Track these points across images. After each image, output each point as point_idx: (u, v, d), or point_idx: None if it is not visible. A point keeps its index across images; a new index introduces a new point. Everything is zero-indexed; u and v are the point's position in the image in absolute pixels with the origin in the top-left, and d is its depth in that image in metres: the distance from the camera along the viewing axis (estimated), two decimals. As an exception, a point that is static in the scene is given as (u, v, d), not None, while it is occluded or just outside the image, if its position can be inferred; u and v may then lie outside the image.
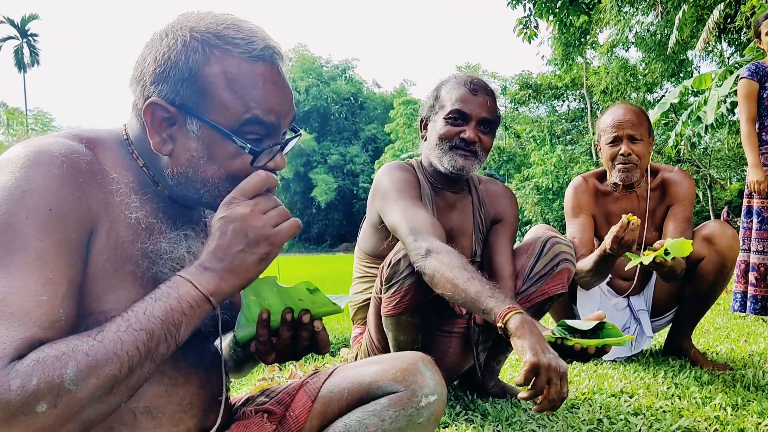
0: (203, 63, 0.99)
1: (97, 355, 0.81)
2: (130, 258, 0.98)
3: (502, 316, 1.50)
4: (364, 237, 2.29)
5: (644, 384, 2.41)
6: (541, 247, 2.15)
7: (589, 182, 2.88)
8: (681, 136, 12.61)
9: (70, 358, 0.79)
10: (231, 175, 1.02)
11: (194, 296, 0.91)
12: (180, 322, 0.89)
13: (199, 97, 0.99)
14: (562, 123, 39.70)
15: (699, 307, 2.75)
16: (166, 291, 0.91)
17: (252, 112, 1.00)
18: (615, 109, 2.77)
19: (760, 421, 2.01)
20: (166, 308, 0.89)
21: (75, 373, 0.78)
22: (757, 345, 3.26)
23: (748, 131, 3.82)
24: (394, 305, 1.92)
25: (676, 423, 1.93)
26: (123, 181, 1.01)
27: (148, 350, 0.86)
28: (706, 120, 10.62)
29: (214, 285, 0.93)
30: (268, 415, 1.23)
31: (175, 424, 1.05)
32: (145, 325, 0.86)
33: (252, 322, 1.04)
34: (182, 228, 1.09)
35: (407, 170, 2.11)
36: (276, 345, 1.05)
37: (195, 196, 1.05)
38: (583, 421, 1.97)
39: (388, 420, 1.19)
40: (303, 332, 1.04)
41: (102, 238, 0.94)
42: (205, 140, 1.00)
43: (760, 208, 3.89)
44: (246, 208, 0.95)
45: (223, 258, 0.94)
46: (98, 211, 0.94)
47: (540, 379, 1.36)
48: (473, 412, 2.10)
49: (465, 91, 2.02)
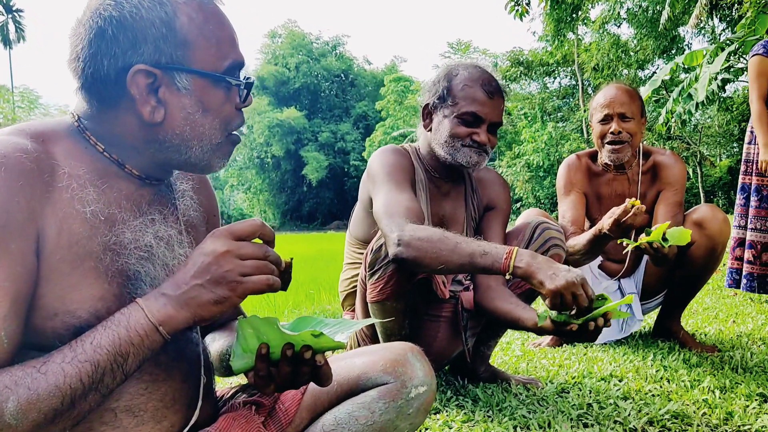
0: (173, 14, 0.97)
1: (38, 389, 0.80)
2: (90, 254, 0.94)
3: (505, 268, 1.61)
4: (355, 222, 2.28)
5: (634, 367, 2.43)
6: (532, 232, 2.14)
7: (582, 161, 2.87)
8: (671, 114, 12.63)
9: (12, 392, 0.79)
10: (223, 122, 1.03)
11: (143, 325, 0.88)
12: (128, 352, 0.87)
13: (182, 50, 0.98)
14: (554, 100, 39.63)
15: (688, 291, 2.76)
16: (118, 318, 0.88)
17: (230, 57, 1.02)
18: (607, 89, 2.75)
19: (748, 403, 2.03)
20: (114, 337, 0.86)
21: (16, 408, 0.78)
22: (745, 325, 3.29)
23: (759, 110, 3.74)
24: (378, 291, 1.91)
25: (665, 407, 1.95)
26: (76, 173, 0.97)
27: (92, 382, 0.84)
28: (696, 97, 10.63)
29: (164, 314, 0.89)
30: (256, 408, 1.22)
31: (159, 420, 1.03)
32: (90, 356, 0.84)
33: (249, 353, 0.98)
34: (148, 213, 1.04)
35: (401, 155, 2.09)
36: (275, 377, 1.00)
37: (183, 156, 1.02)
38: (573, 406, 1.98)
39: (378, 412, 1.19)
40: (304, 367, 0.98)
41: (51, 238, 0.91)
42: (197, 93, 0.99)
43: (759, 185, 3.88)
44: (223, 246, 0.91)
45: (180, 287, 0.91)
46: (44, 212, 0.91)
47: (566, 299, 1.52)
48: (464, 398, 2.11)
49: (482, 94, 1.98)
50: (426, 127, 2.12)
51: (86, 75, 0.98)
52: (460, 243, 1.68)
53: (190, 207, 1.18)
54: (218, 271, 0.90)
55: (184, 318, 0.90)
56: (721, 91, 12.84)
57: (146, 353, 0.89)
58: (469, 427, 1.84)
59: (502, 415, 1.93)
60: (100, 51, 0.96)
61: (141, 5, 0.96)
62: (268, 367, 0.98)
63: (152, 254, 1.01)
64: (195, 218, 1.19)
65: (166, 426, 1.04)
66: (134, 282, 0.98)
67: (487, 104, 1.99)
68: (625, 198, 2.78)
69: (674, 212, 2.66)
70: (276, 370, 0.99)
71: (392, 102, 48.99)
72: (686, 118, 12.84)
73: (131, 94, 0.96)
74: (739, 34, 10.16)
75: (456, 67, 2.08)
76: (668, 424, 1.84)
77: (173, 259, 1.05)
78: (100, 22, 0.96)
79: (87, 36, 0.97)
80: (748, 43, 9.34)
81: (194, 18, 0.99)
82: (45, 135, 0.97)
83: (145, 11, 0.96)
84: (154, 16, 0.96)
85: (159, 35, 0.96)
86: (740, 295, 4.36)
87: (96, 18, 0.96)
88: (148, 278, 1.00)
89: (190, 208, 1.18)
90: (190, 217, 1.17)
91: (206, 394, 1.14)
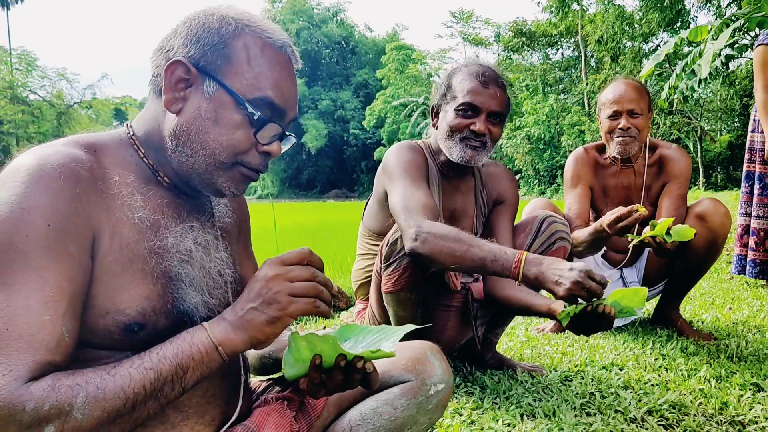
0: (233, 35, 1.06)
1: (106, 389, 0.87)
2: (138, 257, 1.02)
3: (515, 275, 1.71)
4: (369, 214, 2.35)
5: (634, 356, 2.53)
6: (539, 226, 2.23)
7: (589, 153, 2.94)
8: (674, 89, 12.61)
9: (82, 389, 0.86)
10: (231, 144, 1.06)
11: (205, 343, 0.96)
12: (188, 366, 0.94)
13: (222, 62, 1.05)
14: (555, 71, 39.35)
15: (688, 281, 2.86)
16: (184, 335, 0.97)
17: (266, 92, 1.07)
18: (616, 84, 2.80)
19: (742, 393, 2.14)
20: (177, 351, 0.94)
21: (83, 403, 0.85)
22: (741, 312, 3.39)
23: (764, 99, 3.79)
24: (393, 282, 2.00)
25: (663, 397, 2.05)
26: (125, 182, 1.04)
27: (153, 389, 0.91)
28: (700, 73, 10.60)
29: (224, 336, 0.98)
30: (288, 403, 1.31)
31: (201, 415, 1.12)
32: (154, 365, 0.92)
33: (301, 362, 1.05)
34: (187, 220, 1.12)
35: (416, 151, 2.16)
36: (326, 383, 1.07)
37: (189, 160, 1.07)
38: (576, 395, 2.08)
39: (400, 408, 1.29)
40: (355, 375, 1.06)
41: (105, 242, 0.98)
42: (216, 102, 1.05)
43: (762, 173, 3.96)
44: (272, 271, 0.99)
45: (237, 312, 0.99)
46: (99, 218, 0.98)
47: (580, 295, 1.62)
48: (472, 385, 2.21)
49: (476, 84, 2.05)
50: (434, 125, 2.21)
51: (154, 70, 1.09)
52: (473, 247, 1.76)
53: (225, 215, 1.26)
54: (269, 294, 0.98)
55: (241, 340, 0.98)
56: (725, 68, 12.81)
57: (204, 371, 0.97)
58: (479, 415, 1.95)
59: (509, 403, 2.03)
60: (161, 47, 1.08)
61: (211, 19, 1.07)
62: (321, 375, 1.06)
63: (192, 258, 1.09)
64: (229, 224, 1.27)
65: (207, 420, 1.13)
66: (176, 283, 1.06)
67: (482, 93, 2.05)
68: (631, 190, 2.86)
69: (678, 205, 2.74)
70: (327, 377, 1.06)
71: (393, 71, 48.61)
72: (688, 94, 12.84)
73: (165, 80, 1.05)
74: (745, 11, 10.09)
75: (458, 67, 2.18)
76: (666, 413, 1.95)
77: (210, 262, 1.13)
78: (176, 27, 1.09)
79: (166, 35, 1.10)
80: (753, 20, 9.30)
81: (250, 47, 1.07)
82: (96, 146, 1.05)
83: (211, 24, 1.06)
84: (214, 28, 1.06)
85: (209, 43, 1.05)
86: (737, 279, 4.46)
87: (177, 25, 1.09)
88: (188, 279, 1.08)
89: (225, 216, 1.26)
90: (224, 223, 1.25)
91: (244, 389, 1.23)
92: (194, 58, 1.05)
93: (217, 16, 1.07)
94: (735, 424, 1.91)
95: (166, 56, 1.07)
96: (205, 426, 1.12)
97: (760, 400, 2.08)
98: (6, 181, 0.93)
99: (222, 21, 1.07)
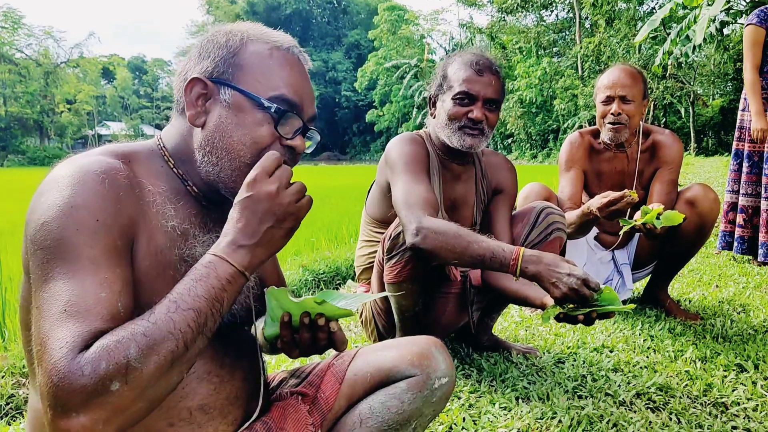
0: (241, 45, 1.14)
1: (153, 335, 0.90)
2: (170, 263, 1.09)
3: (513, 269, 1.77)
4: (372, 201, 2.42)
5: (624, 337, 2.64)
6: (536, 217, 2.30)
7: (584, 138, 3.00)
8: (668, 55, 12.61)
9: (130, 340, 0.89)
10: (255, 142, 1.12)
11: (231, 273, 1.01)
12: (222, 297, 0.99)
13: (234, 70, 1.12)
14: (550, 34, 38.97)
15: (677, 263, 2.96)
16: (205, 271, 1.00)
17: (280, 90, 1.13)
18: (613, 70, 2.85)
19: (726, 374, 2.25)
20: (208, 287, 0.98)
21: (137, 353, 0.88)
22: (727, 290, 3.50)
23: (752, 79, 3.89)
24: (395, 274, 2.08)
25: (651, 380, 2.16)
26: (157, 191, 1.11)
27: (198, 326, 0.96)
28: (694, 40, 10.60)
29: (247, 261, 1.03)
30: (302, 398, 1.40)
31: (225, 415, 1.20)
32: (192, 305, 0.96)
33: (276, 321, 1.14)
34: (213, 231, 1.19)
35: (417, 143, 2.22)
36: (298, 343, 1.16)
37: (215, 169, 1.13)
38: (569, 378, 2.19)
39: (407, 402, 1.38)
40: (320, 333, 1.14)
41: (143, 246, 1.05)
42: (235, 107, 1.11)
43: (751, 152, 4.04)
44: (272, 186, 1.04)
45: (254, 235, 1.03)
46: (137, 222, 1.04)
47: (572, 300, 1.68)
48: (469, 367, 2.32)
49: (471, 72, 2.11)
50: (432, 115, 2.26)
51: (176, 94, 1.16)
52: (472, 243, 1.82)
53: None
54: (280, 210, 1.04)
55: (261, 259, 1.05)
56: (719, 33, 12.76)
57: (235, 295, 1.03)
58: (476, 398, 2.05)
59: (504, 386, 2.13)
60: (181, 70, 1.16)
61: (219, 34, 1.15)
62: (292, 335, 1.15)
63: None
64: None
65: (230, 420, 1.22)
66: None
67: (477, 81, 2.11)
68: (624, 175, 2.94)
69: (668, 190, 2.82)
70: (298, 337, 1.15)
71: (385, 31, 47.97)
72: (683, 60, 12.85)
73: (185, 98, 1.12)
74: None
75: (452, 56, 2.24)
76: (654, 396, 2.06)
77: None
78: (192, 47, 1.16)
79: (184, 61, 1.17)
80: (750, -15, 9.27)
81: (259, 51, 1.14)
82: (130, 156, 1.11)
83: (218, 39, 1.14)
84: (223, 42, 1.13)
85: (220, 55, 1.12)
86: (724, 254, 4.58)
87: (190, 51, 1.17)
88: None
89: None
90: None
91: (264, 391, 1.31)
92: (208, 71, 1.12)
93: (224, 32, 1.15)
94: (718, 405, 2.03)
95: (184, 78, 1.14)
96: (228, 425, 1.20)
97: (743, 381, 2.19)
98: (51, 187, 0.98)
99: (228, 35, 1.14)
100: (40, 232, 0.94)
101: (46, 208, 0.95)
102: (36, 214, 0.96)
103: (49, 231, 0.93)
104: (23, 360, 2.52)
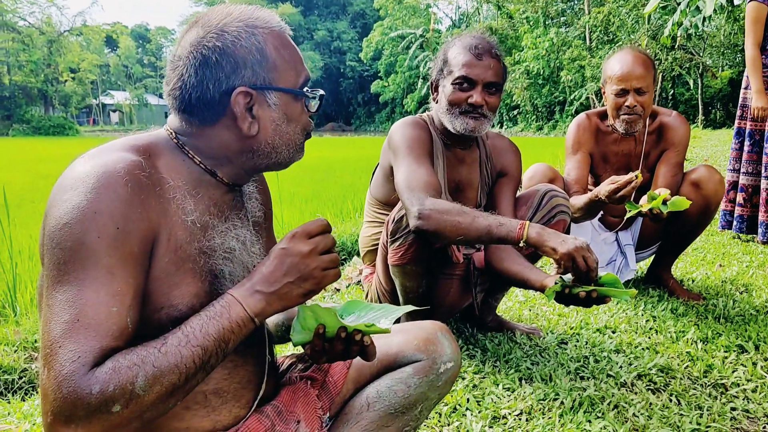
0: (264, 43, 1.15)
1: (161, 366, 0.97)
2: (189, 257, 1.12)
3: (519, 237, 1.81)
4: (376, 183, 2.43)
5: (626, 317, 2.68)
6: (540, 199, 2.32)
7: (591, 120, 2.99)
8: (678, 25, 12.44)
9: (140, 368, 0.95)
10: (302, 128, 1.21)
11: (242, 317, 1.06)
12: (229, 339, 1.05)
13: (271, 72, 1.15)
14: (558, 3, 38.42)
15: (681, 244, 2.98)
16: (219, 310, 1.06)
17: (302, 74, 1.20)
18: (624, 58, 2.77)
19: (727, 355, 2.29)
20: (219, 328, 1.04)
21: (144, 382, 0.95)
22: (730, 269, 3.52)
23: (753, 55, 3.86)
24: (399, 256, 2.11)
25: (653, 361, 2.19)
26: (177, 185, 1.13)
27: (203, 363, 1.02)
28: (704, 10, 10.45)
29: (260, 308, 1.08)
30: (311, 382, 1.44)
31: (238, 399, 1.25)
32: (201, 342, 1.02)
33: (307, 330, 1.18)
34: (230, 218, 1.22)
35: (420, 127, 2.22)
36: (328, 351, 1.20)
37: (273, 160, 1.20)
38: (571, 359, 2.23)
39: (413, 386, 1.42)
40: (354, 346, 1.19)
41: (163, 244, 1.08)
42: (282, 107, 1.17)
43: (752, 130, 4.03)
44: (307, 246, 1.09)
45: (273, 285, 1.08)
46: (158, 221, 1.07)
47: (578, 262, 1.71)
48: (474, 347, 2.36)
49: (470, 57, 2.11)
50: (434, 99, 2.28)
51: (191, 99, 1.14)
52: (478, 217, 1.87)
53: (256, 207, 1.36)
54: (306, 270, 1.09)
55: (275, 309, 1.09)
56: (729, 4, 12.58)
57: (241, 338, 1.08)
58: (480, 379, 2.09)
59: (508, 366, 2.17)
60: (206, 77, 1.12)
61: (239, 36, 1.13)
62: (323, 343, 1.19)
63: (234, 256, 1.20)
64: (259, 217, 1.37)
65: (243, 402, 1.26)
66: (219, 280, 1.17)
67: (476, 66, 2.12)
68: (630, 157, 2.94)
69: (674, 173, 2.82)
70: (329, 346, 1.19)
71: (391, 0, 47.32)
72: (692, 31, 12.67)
73: (233, 112, 1.13)
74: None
75: (452, 40, 2.24)
76: (655, 377, 2.10)
77: (249, 257, 1.24)
78: (204, 51, 1.12)
79: (192, 66, 1.12)
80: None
81: (277, 46, 1.16)
82: (150, 150, 1.14)
83: (243, 40, 1.13)
84: (250, 45, 1.13)
85: (255, 61, 1.13)
86: (728, 233, 4.59)
87: (200, 49, 1.12)
88: (230, 276, 1.18)
89: (256, 209, 1.36)
90: (256, 216, 1.35)
91: (271, 371, 1.35)
92: (250, 81, 1.13)
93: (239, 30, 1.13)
94: (718, 386, 2.07)
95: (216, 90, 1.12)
96: (241, 408, 1.25)
97: (744, 362, 2.23)
98: (74, 185, 1.01)
99: (249, 34, 1.13)
100: (61, 232, 0.97)
101: (69, 208, 0.98)
102: (58, 211, 0.99)
103: (70, 233, 0.97)
104: (35, 334, 2.57)
